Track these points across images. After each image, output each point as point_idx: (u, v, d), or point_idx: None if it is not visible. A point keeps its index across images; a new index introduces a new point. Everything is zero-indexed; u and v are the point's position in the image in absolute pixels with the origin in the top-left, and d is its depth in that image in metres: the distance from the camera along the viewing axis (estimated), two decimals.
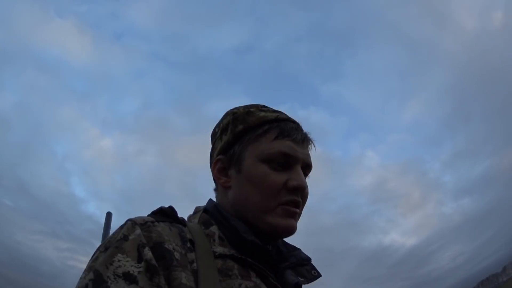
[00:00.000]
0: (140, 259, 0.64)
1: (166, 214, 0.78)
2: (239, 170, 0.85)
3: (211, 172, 0.94)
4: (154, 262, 0.64)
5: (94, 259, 0.65)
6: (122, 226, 0.70)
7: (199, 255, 0.71)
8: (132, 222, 0.70)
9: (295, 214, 0.83)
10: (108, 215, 3.59)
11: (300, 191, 0.83)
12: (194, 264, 0.69)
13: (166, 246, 0.67)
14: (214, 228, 0.80)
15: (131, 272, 0.62)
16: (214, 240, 0.77)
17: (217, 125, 0.95)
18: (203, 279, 0.67)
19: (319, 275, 0.88)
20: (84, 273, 0.63)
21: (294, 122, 0.91)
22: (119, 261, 0.63)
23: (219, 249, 0.75)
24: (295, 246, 0.92)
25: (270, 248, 0.85)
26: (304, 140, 0.88)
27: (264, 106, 0.92)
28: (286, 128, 0.86)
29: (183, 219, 0.81)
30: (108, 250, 0.65)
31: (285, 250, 0.89)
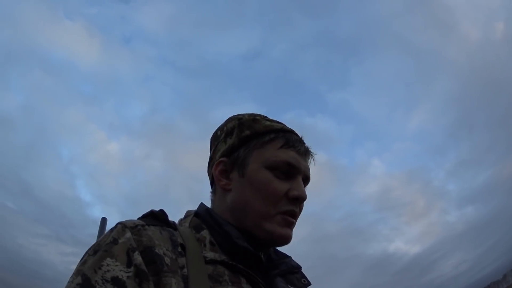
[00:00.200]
0: (130, 264, 0.62)
1: (157, 218, 0.76)
2: (243, 174, 0.85)
3: (208, 175, 0.94)
4: (144, 267, 0.63)
5: (83, 263, 0.63)
6: (112, 229, 0.69)
7: (190, 260, 0.70)
8: (123, 225, 0.68)
9: (292, 224, 0.83)
10: (103, 221, 3.55)
11: (300, 202, 0.84)
12: (185, 270, 0.67)
13: (157, 251, 0.66)
14: (205, 233, 0.79)
15: (120, 277, 0.60)
16: (205, 245, 0.76)
17: (220, 129, 0.95)
18: (194, 285, 0.66)
19: (309, 284, 0.88)
20: (72, 277, 0.62)
21: (297, 135, 0.92)
22: (108, 266, 0.61)
23: (210, 254, 0.74)
24: (286, 254, 0.91)
25: (262, 255, 0.84)
26: (307, 153, 0.89)
27: (267, 117, 0.94)
28: (291, 139, 0.88)
29: (174, 223, 0.80)
30: (97, 254, 0.63)
31: (276, 258, 0.88)
